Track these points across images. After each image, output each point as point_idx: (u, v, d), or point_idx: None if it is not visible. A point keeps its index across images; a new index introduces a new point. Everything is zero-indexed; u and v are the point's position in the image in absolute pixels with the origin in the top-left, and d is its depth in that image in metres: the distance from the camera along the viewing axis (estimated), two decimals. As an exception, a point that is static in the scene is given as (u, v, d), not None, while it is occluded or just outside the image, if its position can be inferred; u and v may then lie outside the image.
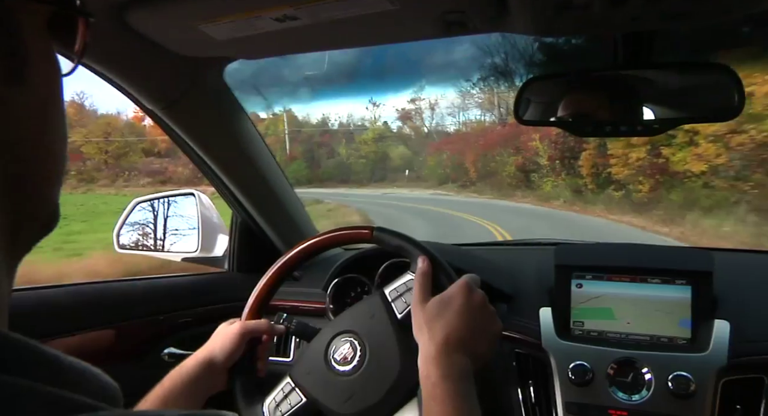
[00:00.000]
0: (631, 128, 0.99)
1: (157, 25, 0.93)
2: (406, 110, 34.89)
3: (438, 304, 0.84)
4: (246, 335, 0.99)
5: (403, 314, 0.96)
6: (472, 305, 0.83)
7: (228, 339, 0.98)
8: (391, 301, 0.99)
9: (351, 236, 1.06)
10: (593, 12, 0.79)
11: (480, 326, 0.83)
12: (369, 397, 0.92)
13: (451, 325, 0.80)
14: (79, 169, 32.19)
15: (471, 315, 0.82)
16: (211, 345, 0.98)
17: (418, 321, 0.85)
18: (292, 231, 1.59)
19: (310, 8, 0.82)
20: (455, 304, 0.83)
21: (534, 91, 1.05)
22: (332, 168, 34.57)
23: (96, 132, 32.69)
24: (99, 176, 32.84)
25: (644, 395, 1.07)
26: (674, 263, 1.19)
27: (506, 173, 21.67)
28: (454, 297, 0.84)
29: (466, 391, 0.75)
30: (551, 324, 1.19)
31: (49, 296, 1.20)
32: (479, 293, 0.86)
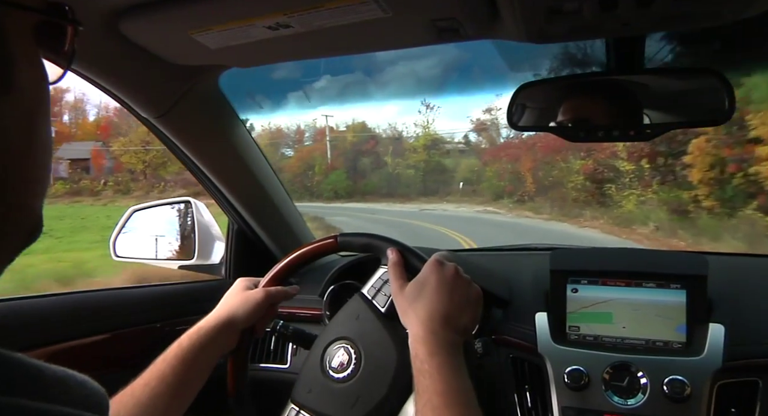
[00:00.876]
0: (624, 132, 0.99)
1: (150, 34, 0.93)
2: (481, 120, 29.37)
3: (415, 287, 0.86)
4: (268, 302, 1.01)
5: (387, 306, 0.99)
6: (446, 280, 0.85)
7: (251, 304, 0.99)
8: (372, 298, 1.02)
9: (317, 249, 1.08)
10: (584, 18, 0.80)
11: (459, 297, 0.84)
12: (374, 395, 0.92)
13: (432, 303, 0.82)
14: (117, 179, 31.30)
15: (448, 289, 0.84)
16: (232, 306, 0.99)
17: (401, 307, 0.87)
18: (288, 238, 1.59)
19: (303, 16, 0.82)
20: (431, 282, 0.85)
21: (527, 96, 1.06)
22: (377, 179, 29.97)
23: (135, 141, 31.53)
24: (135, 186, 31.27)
25: (640, 399, 1.07)
26: (669, 268, 1.19)
27: (572, 184, 16.31)
28: (428, 277, 0.86)
29: (455, 365, 0.76)
30: (547, 328, 1.19)
31: (44, 304, 1.19)
32: (450, 266, 0.88)
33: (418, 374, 0.75)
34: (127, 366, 1.27)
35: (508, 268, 1.41)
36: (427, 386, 0.72)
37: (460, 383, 0.73)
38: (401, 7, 0.79)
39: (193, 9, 0.83)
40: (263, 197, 1.48)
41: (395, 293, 0.89)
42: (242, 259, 1.60)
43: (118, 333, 1.26)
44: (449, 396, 0.70)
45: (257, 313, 0.99)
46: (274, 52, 1.01)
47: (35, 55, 0.37)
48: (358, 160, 31.33)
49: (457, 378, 0.73)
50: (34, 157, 0.37)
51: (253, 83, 13.36)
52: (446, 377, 0.72)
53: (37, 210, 0.39)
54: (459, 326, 0.82)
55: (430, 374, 0.73)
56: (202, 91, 1.20)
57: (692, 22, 0.83)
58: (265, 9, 0.81)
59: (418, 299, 0.84)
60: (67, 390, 0.34)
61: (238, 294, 1.01)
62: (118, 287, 1.42)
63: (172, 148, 1.29)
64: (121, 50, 0.96)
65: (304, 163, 31.16)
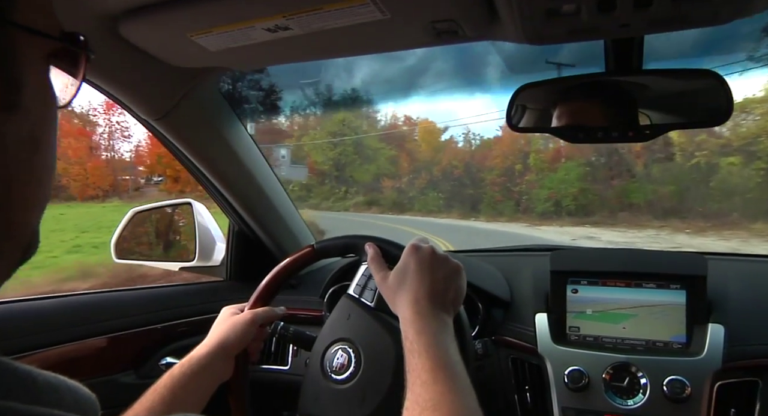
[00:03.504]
0: (623, 133, 0.99)
1: (150, 37, 0.93)
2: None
3: (397, 274, 0.88)
4: (257, 323, 1.01)
5: (375, 300, 1.01)
6: (425, 262, 0.86)
7: (239, 327, 0.99)
8: (359, 296, 1.04)
9: (296, 262, 1.09)
10: (582, 19, 0.80)
11: (440, 274, 0.86)
12: (381, 388, 0.93)
13: (415, 286, 0.83)
14: (300, 183, 27.82)
15: (428, 270, 0.85)
16: (221, 332, 0.99)
17: (388, 296, 0.89)
18: (289, 239, 1.59)
19: (302, 18, 0.83)
20: (411, 267, 0.86)
21: (526, 98, 1.06)
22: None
23: (322, 136, 28.64)
24: (317, 192, 27.55)
25: (640, 399, 1.07)
26: (668, 268, 1.19)
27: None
28: (408, 262, 0.87)
29: (443, 341, 0.76)
30: (547, 329, 1.19)
31: (44, 306, 1.20)
32: (426, 248, 0.89)
33: (408, 354, 0.76)
34: (128, 368, 1.27)
35: (508, 269, 1.41)
36: (416, 364, 0.72)
37: (447, 358, 0.73)
38: (400, 10, 0.80)
39: (193, 11, 0.83)
40: (263, 198, 1.49)
41: (380, 284, 0.91)
42: (243, 260, 1.60)
43: (119, 334, 1.26)
44: (437, 371, 0.70)
45: (247, 336, 1.00)
46: (273, 54, 1.02)
47: (45, 79, 0.39)
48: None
49: (445, 354, 0.74)
50: (37, 176, 0.38)
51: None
52: (434, 354, 0.73)
53: (34, 227, 0.40)
54: (446, 302, 0.84)
55: (418, 352, 0.74)
56: (201, 94, 1.20)
57: (690, 23, 0.83)
58: (265, 11, 0.81)
59: (402, 285, 0.86)
60: (58, 395, 0.35)
61: (225, 321, 1.02)
62: (119, 288, 1.42)
63: (172, 150, 1.30)
64: (121, 53, 0.97)
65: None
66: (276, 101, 28.55)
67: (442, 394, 0.67)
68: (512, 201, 24.21)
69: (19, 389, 0.32)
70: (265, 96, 27.82)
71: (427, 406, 0.66)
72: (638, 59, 0.95)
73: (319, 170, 29.62)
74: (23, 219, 0.38)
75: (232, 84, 25.80)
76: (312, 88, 29.06)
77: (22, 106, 0.35)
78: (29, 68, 0.36)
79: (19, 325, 1.11)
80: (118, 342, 1.25)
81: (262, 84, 27.43)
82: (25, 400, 0.30)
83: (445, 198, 26.52)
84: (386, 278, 0.90)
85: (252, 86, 27.11)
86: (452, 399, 0.67)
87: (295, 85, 30.33)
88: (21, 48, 0.35)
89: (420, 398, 0.68)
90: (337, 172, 28.75)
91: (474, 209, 24.86)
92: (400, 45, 0.98)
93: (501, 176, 25.98)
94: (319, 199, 27.52)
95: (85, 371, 1.17)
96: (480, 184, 26.36)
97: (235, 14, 0.83)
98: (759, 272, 1.35)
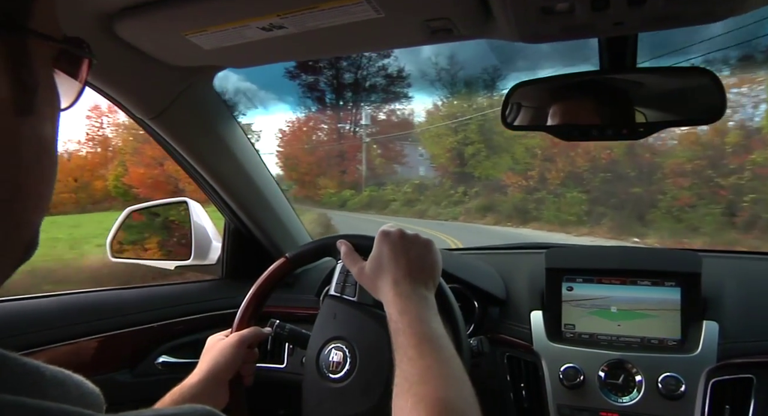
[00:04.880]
0: (617, 131, 0.99)
1: (145, 35, 0.93)
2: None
3: (373, 263, 0.89)
4: (244, 344, 1.01)
5: (357, 294, 1.03)
6: (397, 244, 0.88)
7: (228, 351, 0.99)
8: (341, 294, 1.06)
9: (273, 276, 1.10)
10: (576, 17, 0.80)
11: (413, 253, 0.87)
12: (379, 379, 0.94)
13: (392, 270, 0.85)
14: (413, 184, 22.22)
15: (401, 251, 0.87)
16: (210, 359, 0.98)
17: (369, 286, 0.90)
18: (284, 238, 1.59)
19: (297, 17, 0.83)
20: (384, 253, 0.88)
21: (521, 96, 1.06)
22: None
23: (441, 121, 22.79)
24: (429, 194, 21.48)
25: (635, 396, 1.07)
26: (663, 265, 1.20)
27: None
28: (381, 249, 0.89)
29: (425, 316, 0.78)
30: (542, 327, 1.20)
31: (40, 305, 1.20)
32: (395, 231, 0.90)
33: (393, 334, 0.77)
34: (123, 367, 1.27)
35: (504, 267, 1.41)
36: (401, 342, 0.74)
37: (431, 332, 0.74)
38: (394, 8, 0.80)
39: (188, 10, 0.83)
40: (259, 196, 1.48)
41: (358, 276, 0.92)
42: (238, 259, 1.60)
43: (115, 333, 1.26)
44: (422, 346, 0.71)
45: (237, 359, 0.99)
46: (268, 52, 1.02)
47: (52, 82, 0.40)
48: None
49: (428, 328, 0.75)
50: (45, 176, 0.39)
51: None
52: (417, 329, 0.74)
53: (37, 227, 0.40)
54: (424, 278, 0.85)
55: (403, 331, 0.75)
56: (196, 92, 1.20)
57: (685, 21, 0.84)
58: (259, 10, 0.81)
59: (379, 272, 0.87)
60: (65, 389, 0.35)
61: (213, 347, 1.01)
62: (115, 287, 1.42)
63: (167, 148, 1.29)
64: (115, 51, 0.96)
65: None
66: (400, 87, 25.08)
67: (429, 367, 0.68)
68: (718, 205, 13.63)
69: (27, 383, 0.33)
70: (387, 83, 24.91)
71: (415, 380, 0.67)
72: (632, 57, 0.95)
73: (438, 165, 23.62)
74: (30, 218, 0.38)
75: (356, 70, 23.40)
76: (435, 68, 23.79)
77: (35, 109, 0.36)
78: (40, 72, 0.37)
79: (16, 324, 1.10)
80: (115, 341, 1.25)
81: (389, 69, 24.04)
82: (33, 394, 0.31)
83: (590, 200, 16.96)
84: (363, 269, 0.91)
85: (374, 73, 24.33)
86: (439, 371, 0.68)
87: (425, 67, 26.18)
88: (34, 53, 0.36)
89: (407, 373, 0.69)
90: (457, 167, 22.05)
91: (640, 219, 14.97)
92: (394, 43, 0.98)
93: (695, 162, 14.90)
94: (428, 203, 21.46)
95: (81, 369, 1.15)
96: (651, 178, 16.11)
97: (230, 13, 0.83)
98: (753, 269, 1.36)
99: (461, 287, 1.28)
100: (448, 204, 20.93)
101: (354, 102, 26.20)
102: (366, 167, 25.20)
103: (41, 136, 0.38)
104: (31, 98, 0.36)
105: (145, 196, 3.21)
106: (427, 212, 20.95)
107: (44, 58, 0.38)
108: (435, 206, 21.15)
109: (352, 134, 26.56)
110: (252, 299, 1.08)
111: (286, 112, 32.19)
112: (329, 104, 26.83)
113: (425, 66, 26.81)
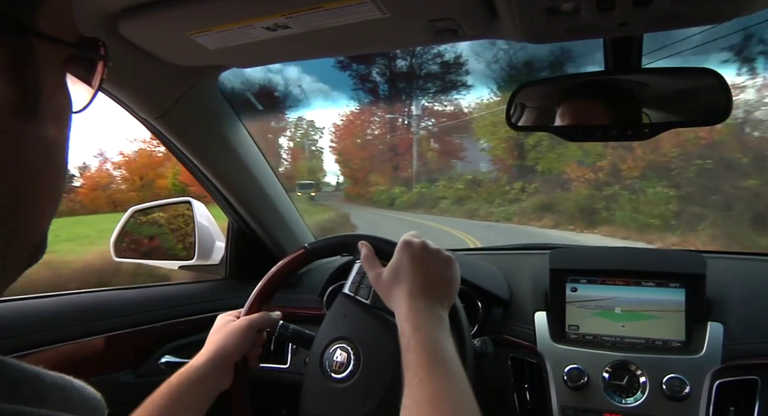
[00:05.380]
0: (622, 132, 0.99)
1: (149, 35, 0.93)
2: None
3: (390, 271, 0.88)
4: (253, 329, 1.01)
5: (371, 297, 1.02)
6: (417, 256, 0.87)
7: (237, 334, 0.99)
8: (354, 294, 1.05)
9: (290, 263, 1.09)
10: (582, 18, 0.80)
11: (433, 268, 0.86)
12: (381, 385, 0.93)
13: (409, 282, 0.84)
14: (465, 180, 20.56)
15: (421, 265, 0.86)
16: (218, 341, 0.98)
17: (384, 294, 0.89)
18: (288, 238, 1.59)
19: (302, 17, 0.83)
20: (404, 263, 0.86)
21: (525, 96, 1.06)
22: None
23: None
24: (483, 191, 19.49)
25: (639, 398, 1.07)
26: (668, 266, 1.19)
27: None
28: (401, 258, 0.88)
29: (439, 337, 0.77)
30: (546, 328, 1.19)
31: (42, 306, 1.20)
32: (418, 243, 0.89)
33: (405, 350, 0.76)
34: (126, 367, 1.27)
35: (508, 268, 1.41)
36: (412, 360, 0.73)
37: (444, 355, 0.73)
38: (399, 8, 0.80)
39: (192, 10, 0.83)
40: (263, 197, 1.49)
41: (374, 282, 0.91)
42: (242, 259, 1.60)
43: (118, 333, 1.26)
44: (434, 368, 0.71)
45: (245, 342, 0.99)
46: (272, 52, 1.01)
47: (62, 84, 0.39)
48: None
49: (441, 350, 0.74)
50: (50, 182, 0.38)
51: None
52: (430, 350, 0.73)
53: (42, 232, 0.39)
54: (440, 295, 0.84)
55: (415, 349, 0.74)
56: (201, 92, 1.20)
57: (690, 22, 0.83)
58: (264, 10, 0.81)
59: (396, 281, 0.86)
60: (66, 396, 0.35)
61: (222, 329, 1.01)
62: (118, 287, 1.42)
63: (171, 148, 1.30)
64: (120, 51, 0.96)
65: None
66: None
67: (440, 393, 0.68)
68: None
69: (27, 389, 0.32)
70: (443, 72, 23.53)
71: (425, 404, 0.66)
72: (637, 58, 0.95)
73: (494, 158, 21.44)
74: (33, 225, 0.38)
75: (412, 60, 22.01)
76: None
77: (39, 113, 0.35)
78: (47, 75, 0.36)
79: (19, 324, 1.10)
80: (118, 341, 1.25)
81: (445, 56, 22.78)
82: (33, 401, 0.30)
83: (680, 198, 12.81)
84: (380, 276, 0.90)
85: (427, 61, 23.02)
86: (450, 397, 0.67)
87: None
88: (40, 55, 0.35)
89: (417, 396, 0.68)
90: (515, 160, 19.55)
91: (759, 224, 10.91)
92: (399, 43, 0.98)
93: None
94: (480, 201, 18.96)
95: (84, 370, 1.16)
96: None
97: (235, 13, 0.83)
98: (758, 270, 1.35)
99: (465, 288, 1.27)
100: (502, 202, 18.49)
101: (407, 93, 24.52)
102: (418, 163, 23.70)
103: (47, 140, 0.37)
104: (34, 101, 0.35)
105: (195, 192, 3.31)
106: (478, 211, 18.76)
107: (52, 61, 0.37)
108: (487, 204, 18.79)
109: (404, 127, 25.26)
110: (266, 284, 1.08)
111: (341, 105, 31.65)
112: (382, 95, 25.45)
113: (481, 48, 24.82)
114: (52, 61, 0.37)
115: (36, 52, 0.35)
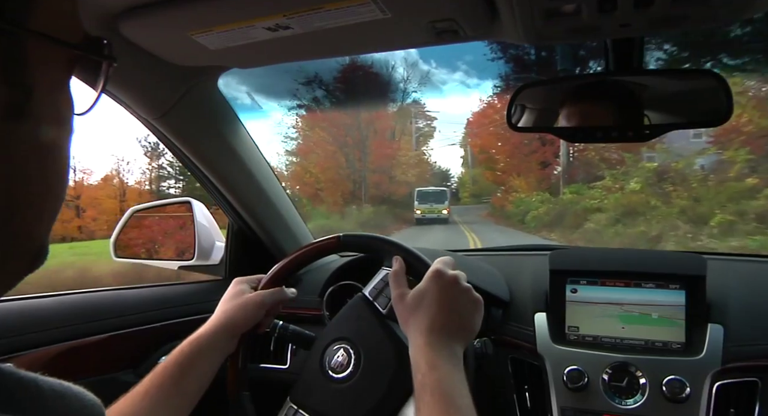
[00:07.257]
0: (623, 133, 0.99)
1: (150, 35, 0.93)
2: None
3: (415, 297, 0.86)
4: (266, 306, 1.01)
5: (387, 308, 0.99)
6: (446, 290, 0.85)
7: (249, 308, 0.99)
8: (373, 300, 1.03)
9: (319, 248, 1.09)
10: (582, 19, 0.80)
11: (459, 306, 0.85)
12: (374, 395, 0.93)
13: (432, 315, 0.82)
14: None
15: (447, 300, 0.84)
16: (229, 311, 0.98)
17: (402, 316, 0.87)
18: (288, 239, 1.59)
19: (303, 18, 0.83)
20: (431, 293, 0.85)
21: (526, 97, 1.06)
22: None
23: None
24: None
25: (639, 399, 1.07)
26: (668, 268, 1.19)
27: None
28: (428, 287, 0.86)
29: (456, 379, 0.76)
30: (546, 329, 1.19)
31: (42, 306, 1.20)
32: (450, 276, 0.87)
33: (419, 388, 0.75)
34: (127, 366, 1.27)
35: (508, 269, 1.41)
36: (427, 402, 0.72)
37: (460, 401, 0.72)
38: (400, 9, 0.80)
39: (193, 10, 0.83)
40: (263, 197, 1.49)
41: (395, 301, 0.90)
42: (242, 259, 1.60)
43: (118, 333, 1.26)
44: (449, 414, 0.70)
45: (256, 317, 0.99)
46: (273, 53, 1.02)
47: (61, 85, 0.37)
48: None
49: (458, 395, 0.73)
50: (47, 184, 0.37)
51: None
52: (446, 393, 0.72)
53: (41, 238, 0.38)
54: (459, 336, 0.83)
55: (431, 389, 0.73)
56: (201, 92, 1.20)
57: (691, 23, 0.83)
58: (265, 10, 0.81)
59: (417, 309, 0.84)
60: (65, 402, 0.35)
61: (235, 298, 1.01)
62: (118, 287, 1.42)
63: (171, 148, 1.29)
64: (121, 51, 0.96)
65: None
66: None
67: None
68: None
69: (24, 398, 0.32)
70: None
71: None
72: (638, 59, 0.95)
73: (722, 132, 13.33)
74: (30, 229, 0.36)
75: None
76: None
77: (32, 113, 0.34)
78: (42, 75, 0.35)
79: (18, 323, 1.10)
80: (117, 341, 1.25)
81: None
82: (31, 410, 0.30)
83: None
84: (403, 297, 0.88)
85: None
86: None
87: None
88: (34, 54, 0.34)
89: None
90: None
91: None
92: (400, 44, 0.98)
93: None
94: (671, 216, 11.56)
95: (83, 370, 1.17)
96: None
97: (236, 13, 0.83)
98: (758, 272, 1.35)
99: None
100: (737, 216, 9.72)
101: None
102: (570, 156, 16.60)
103: (42, 142, 0.35)
104: (24, 102, 0.33)
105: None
106: (663, 237, 10.39)
107: (49, 61, 0.35)
108: (691, 223, 10.61)
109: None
110: (291, 261, 1.08)
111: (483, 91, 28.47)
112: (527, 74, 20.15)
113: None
114: (50, 61, 0.36)
115: (28, 51, 0.33)
